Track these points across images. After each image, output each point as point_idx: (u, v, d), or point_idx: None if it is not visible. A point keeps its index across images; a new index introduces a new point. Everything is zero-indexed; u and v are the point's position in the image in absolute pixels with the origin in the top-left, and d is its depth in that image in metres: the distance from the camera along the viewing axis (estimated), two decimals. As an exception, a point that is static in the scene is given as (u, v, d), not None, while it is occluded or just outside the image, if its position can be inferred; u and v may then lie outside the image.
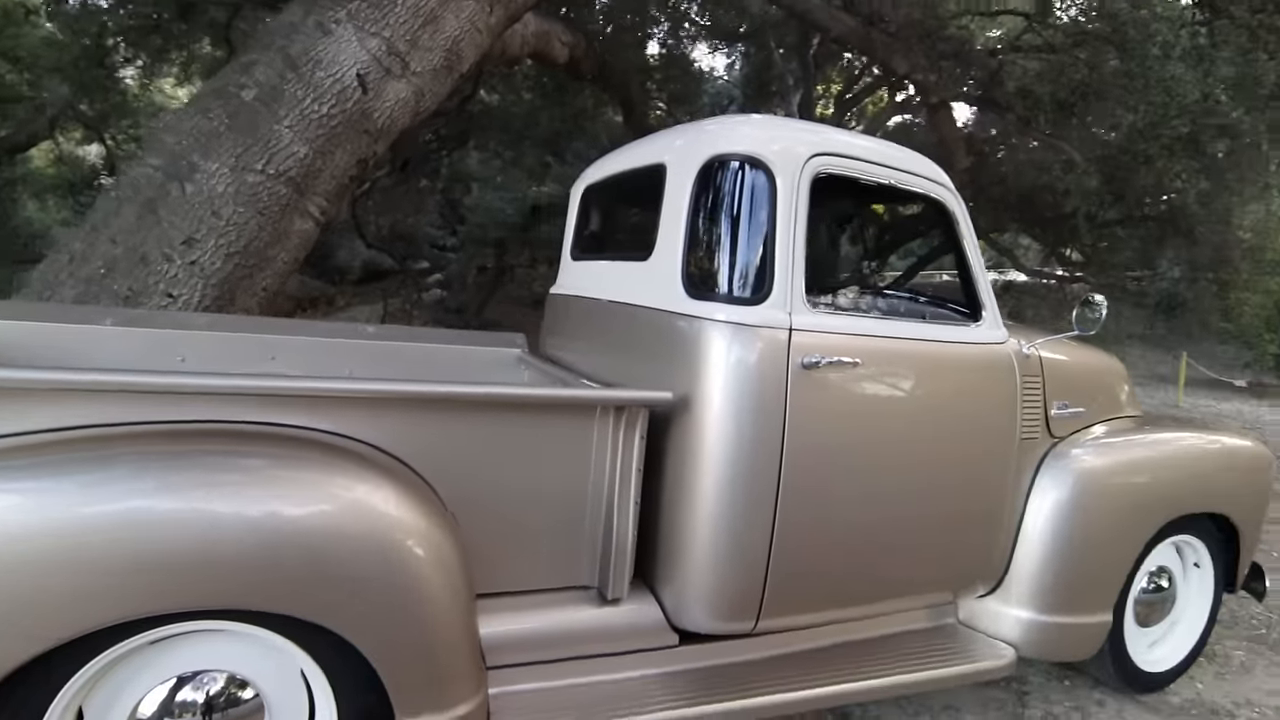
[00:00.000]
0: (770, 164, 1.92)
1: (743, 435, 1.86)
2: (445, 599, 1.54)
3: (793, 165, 1.93)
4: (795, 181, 1.93)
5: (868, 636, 2.24)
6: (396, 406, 1.68)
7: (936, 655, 2.22)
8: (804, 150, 1.96)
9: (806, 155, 1.95)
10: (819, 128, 2.12)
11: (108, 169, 10.95)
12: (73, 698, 1.36)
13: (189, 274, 3.41)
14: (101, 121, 9.82)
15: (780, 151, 1.94)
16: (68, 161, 11.06)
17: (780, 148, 1.94)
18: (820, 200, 2.02)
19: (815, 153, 1.97)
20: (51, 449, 1.36)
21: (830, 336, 1.95)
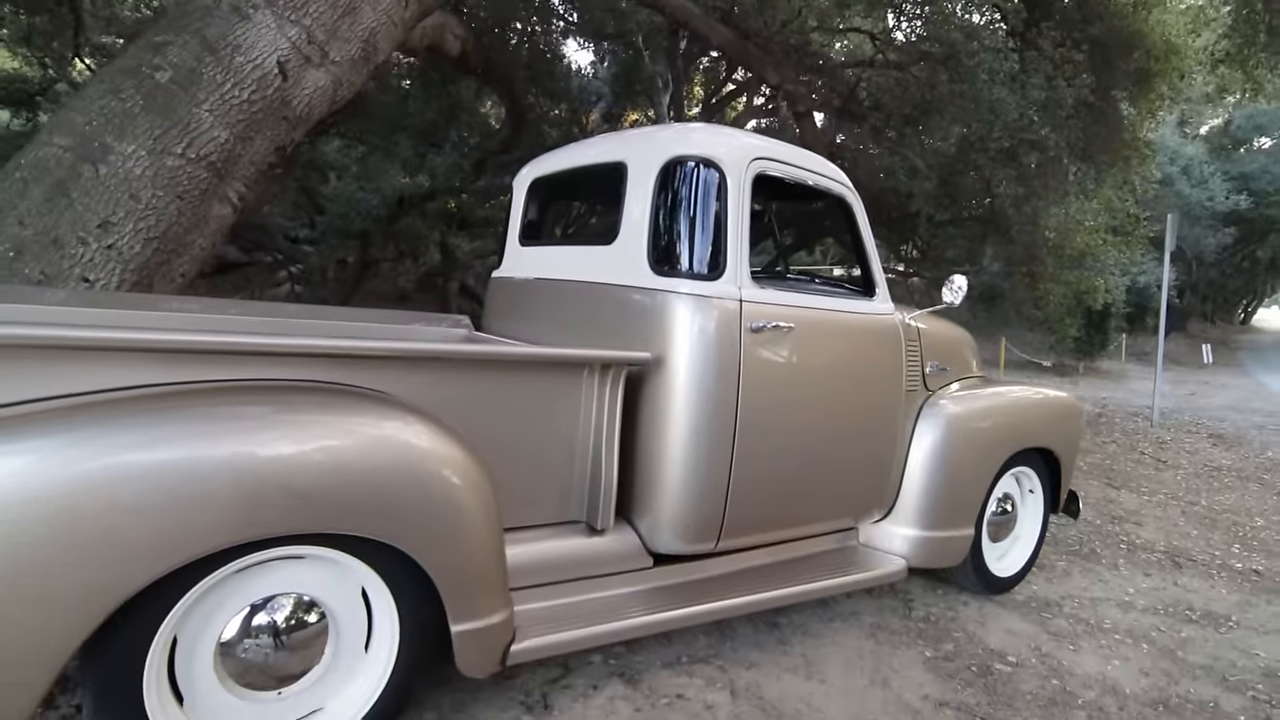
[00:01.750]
0: (721, 164, 2.37)
1: (705, 388, 2.30)
2: (483, 523, 1.85)
3: (739, 165, 2.39)
4: (741, 179, 2.39)
5: (792, 557, 2.75)
6: (425, 365, 1.96)
7: (845, 567, 2.77)
8: (747, 153, 2.42)
9: (750, 157, 2.42)
10: (755, 136, 2.59)
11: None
12: (173, 625, 1.55)
13: (106, 258, 3.38)
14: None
15: (729, 153, 2.39)
16: None
17: (729, 150, 2.40)
18: (756, 195, 2.49)
19: (755, 156, 2.44)
20: (156, 400, 1.54)
21: (770, 306, 2.43)
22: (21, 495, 1.35)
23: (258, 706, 1.69)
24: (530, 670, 2.30)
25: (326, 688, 1.78)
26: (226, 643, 1.64)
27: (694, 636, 2.63)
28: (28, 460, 1.38)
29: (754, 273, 2.45)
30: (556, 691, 2.22)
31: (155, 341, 1.63)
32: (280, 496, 1.55)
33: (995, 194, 7.24)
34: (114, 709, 1.50)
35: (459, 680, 2.10)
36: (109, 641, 1.47)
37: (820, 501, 2.74)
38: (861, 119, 7.46)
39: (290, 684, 1.73)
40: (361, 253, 11.29)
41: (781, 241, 4.15)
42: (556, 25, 10.14)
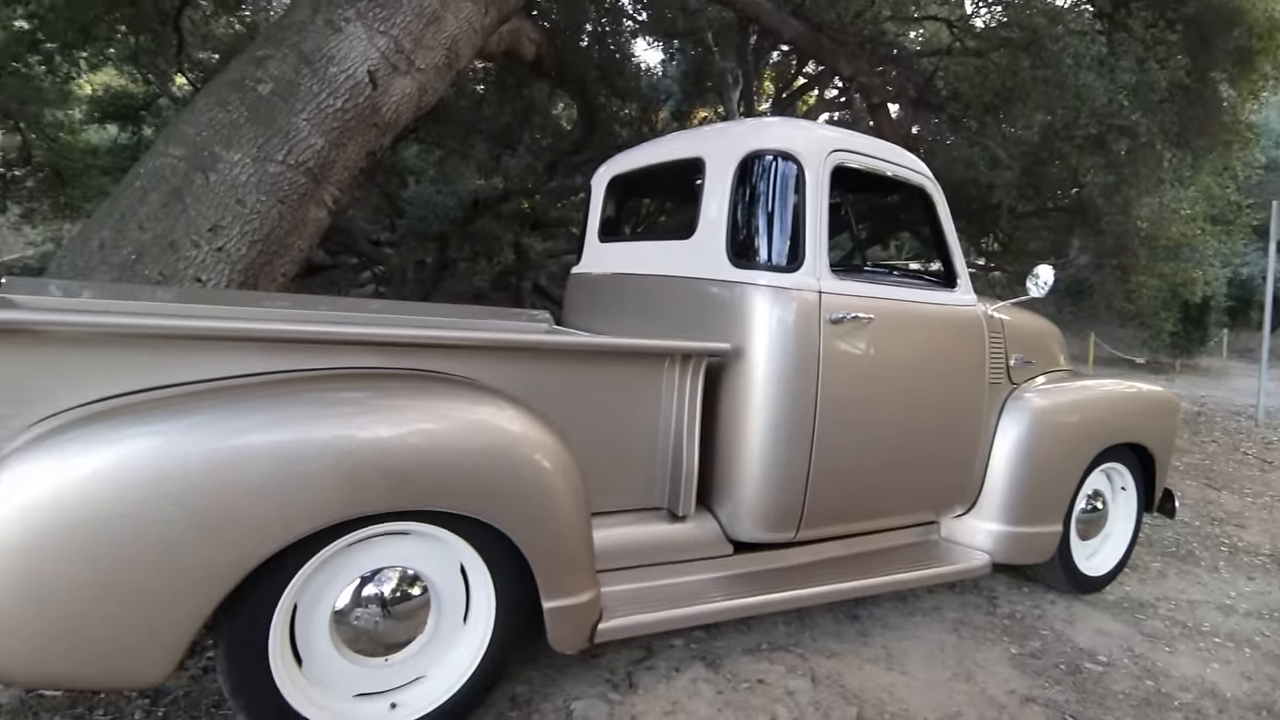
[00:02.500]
0: (800, 156, 2.39)
1: (785, 378, 2.33)
2: (572, 505, 1.94)
3: (818, 157, 2.41)
4: (819, 171, 2.41)
5: (872, 549, 2.75)
6: (514, 355, 2.06)
7: (926, 561, 2.75)
8: (825, 146, 2.44)
9: (828, 150, 2.44)
10: (833, 129, 2.60)
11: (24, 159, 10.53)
12: (294, 593, 1.68)
13: (216, 259, 3.63)
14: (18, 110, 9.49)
15: (807, 146, 2.41)
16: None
17: (807, 143, 2.42)
18: (835, 187, 2.51)
19: (834, 148, 2.45)
20: (269, 387, 1.69)
21: (850, 298, 2.44)
22: (156, 474, 1.50)
23: (367, 671, 1.82)
24: (614, 650, 2.38)
25: (429, 656, 1.90)
26: (340, 611, 1.77)
27: (773, 624, 2.66)
28: (160, 441, 1.53)
29: (833, 265, 2.46)
30: (640, 671, 2.29)
31: (270, 331, 1.77)
32: (378, 476, 1.66)
33: (1083, 183, 6.96)
34: (243, 668, 1.64)
35: (548, 657, 2.20)
36: (238, 608, 1.62)
37: (901, 494, 2.73)
38: (939, 109, 7.29)
39: (396, 651, 1.85)
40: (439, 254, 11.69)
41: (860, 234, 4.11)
42: (626, 25, 10.26)
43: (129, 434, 1.52)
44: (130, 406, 1.60)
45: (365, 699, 1.82)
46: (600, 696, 2.14)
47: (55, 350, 1.59)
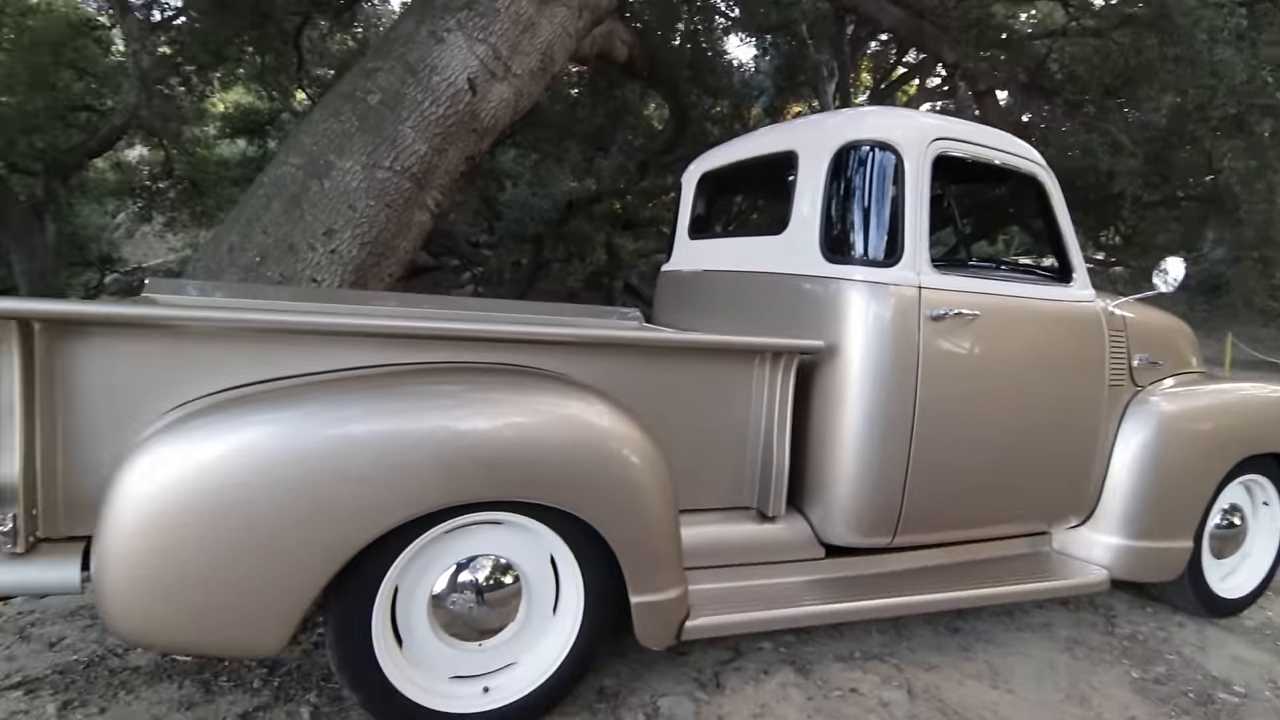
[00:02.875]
0: (898, 146, 2.31)
1: (882, 377, 2.25)
2: (661, 501, 1.94)
3: (918, 147, 2.32)
4: (920, 161, 2.31)
5: (977, 558, 2.62)
6: (604, 351, 2.08)
7: (1036, 574, 2.59)
8: (926, 134, 2.34)
9: (929, 138, 2.33)
10: (934, 116, 2.49)
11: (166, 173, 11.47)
12: (395, 576, 1.76)
13: (330, 261, 3.84)
14: (162, 128, 10.36)
15: (906, 135, 2.32)
16: (124, 169, 11.62)
17: (906, 132, 2.33)
18: (938, 177, 2.40)
19: (935, 137, 2.35)
20: (372, 380, 1.77)
21: (952, 293, 2.33)
22: (274, 459, 1.60)
23: (462, 655, 1.89)
24: (702, 650, 2.36)
25: (521, 644, 1.94)
26: (437, 595, 1.84)
27: (867, 633, 2.58)
28: (278, 429, 1.63)
29: (935, 260, 2.35)
30: (728, 672, 2.26)
31: (376, 327, 1.86)
32: (473, 467, 1.71)
33: (1219, 169, 6.38)
34: (349, 645, 1.73)
35: (635, 652, 2.21)
36: (345, 587, 1.70)
37: (1009, 502, 2.58)
38: (1052, 94, 6.86)
39: (489, 637, 1.90)
40: (534, 255, 11.99)
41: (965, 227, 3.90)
42: (718, 23, 10.19)
43: (251, 421, 1.63)
44: (252, 396, 1.71)
45: (460, 681, 1.89)
46: (687, 695, 2.13)
47: (188, 344, 1.72)
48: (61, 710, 1.87)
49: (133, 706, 1.91)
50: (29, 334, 1.57)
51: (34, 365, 1.59)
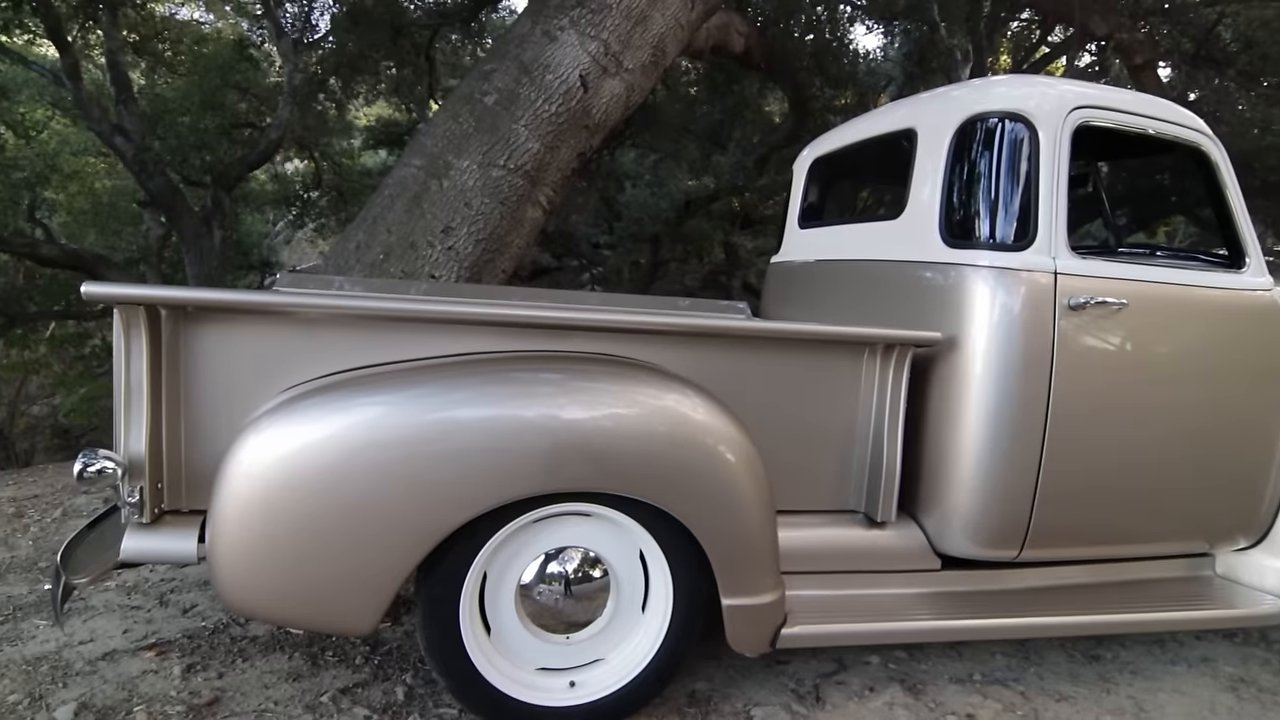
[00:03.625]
0: (1032, 117, 2.07)
1: (1010, 373, 2.02)
2: (756, 500, 1.83)
3: (1055, 117, 2.07)
4: (1057, 133, 2.07)
5: (1122, 579, 2.32)
6: (703, 341, 1.99)
7: (1195, 601, 2.26)
8: (1065, 103, 2.09)
9: (1068, 108, 2.08)
10: (1077, 83, 2.22)
11: (316, 183, 12.36)
12: (486, 560, 1.75)
13: (447, 258, 3.96)
14: (313, 142, 11.18)
15: (1042, 104, 2.08)
16: (279, 179, 12.65)
17: (1042, 102, 2.09)
18: (1081, 151, 2.14)
19: (1076, 105, 2.09)
20: (484, 366, 1.77)
21: (1095, 280, 2.07)
22: (372, 440, 1.62)
23: (549, 647, 1.86)
24: (803, 660, 2.22)
25: (608, 640, 1.89)
26: (525, 585, 1.81)
27: (990, 654, 2.34)
28: (378, 412, 1.65)
29: (1076, 244, 2.10)
30: (830, 686, 2.12)
31: (478, 315, 1.86)
32: (575, 456, 1.67)
33: None
34: (437, 628, 1.74)
35: (731, 656, 2.11)
36: (435, 569, 1.71)
37: (1162, 517, 2.27)
38: (1223, 65, 6.10)
39: (577, 631, 1.86)
40: (653, 254, 12.03)
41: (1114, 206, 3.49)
42: (842, 11, 9.80)
43: (355, 403, 1.66)
44: (359, 379, 1.75)
45: (546, 674, 1.85)
46: (783, 706, 2.00)
47: (300, 329, 1.79)
48: (185, 672, 2.00)
49: (246, 674, 2.01)
50: (156, 319, 1.68)
51: (160, 348, 1.70)
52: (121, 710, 1.83)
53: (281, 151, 12.13)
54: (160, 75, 10.33)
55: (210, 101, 9.39)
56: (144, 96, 9.42)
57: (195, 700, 1.88)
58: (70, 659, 2.05)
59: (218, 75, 9.37)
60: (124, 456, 1.65)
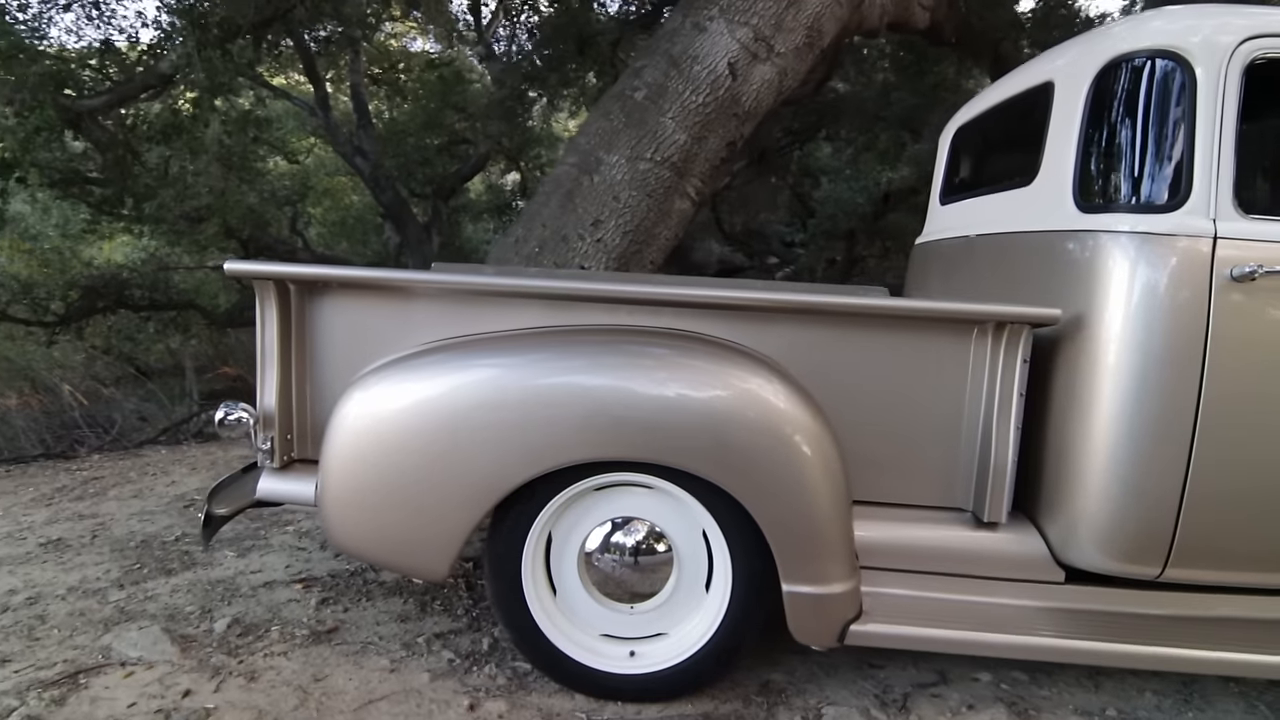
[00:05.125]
0: (1188, 54, 1.75)
1: (1151, 357, 1.73)
2: (825, 490, 1.73)
3: (1217, 54, 1.74)
4: (1220, 72, 1.73)
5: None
6: (784, 319, 1.92)
7: None
8: (1233, 35, 1.74)
9: (1237, 40, 1.73)
10: (1253, 10, 1.84)
11: (523, 191, 13.39)
12: (547, 521, 1.84)
13: (596, 250, 4.13)
14: (518, 153, 12.14)
15: (1202, 39, 1.75)
16: (493, 189, 13.87)
17: (1200, 37, 1.76)
18: (1260, 92, 1.77)
19: (1248, 36, 1.73)
20: (555, 338, 1.86)
21: (1269, 244, 1.70)
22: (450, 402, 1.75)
23: (613, 615, 1.90)
24: (900, 666, 2.06)
25: (671, 615, 1.89)
26: (589, 551, 1.87)
27: (1137, 691, 2.01)
28: (459, 378, 1.78)
29: (1246, 202, 1.74)
30: (923, 697, 1.94)
31: (545, 288, 1.95)
32: (631, 427, 1.70)
33: None
34: (502, 582, 1.85)
35: (820, 657, 2.04)
36: (499, 527, 1.83)
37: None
38: None
39: (640, 602, 1.89)
40: (847, 251, 11.60)
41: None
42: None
43: (439, 370, 1.82)
44: (447, 348, 1.91)
45: (609, 641, 1.90)
46: (861, 709, 1.87)
47: (405, 303, 1.98)
48: (319, 604, 2.30)
49: (366, 611, 2.27)
50: (285, 292, 1.96)
51: (290, 317, 1.98)
52: (263, 627, 2.16)
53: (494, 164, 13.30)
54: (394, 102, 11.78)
55: (432, 122, 10.55)
56: (380, 121, 10.82)
57: (319, 627, 2.16)
58: (240, 584, 2.44)
59: (439, 98, 10.51)
60: (259, 410, 1.95)
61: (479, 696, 1.86)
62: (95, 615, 2.21)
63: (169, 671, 1.92)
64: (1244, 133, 1.75)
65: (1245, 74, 1.74)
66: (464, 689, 1.89)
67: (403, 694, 1.86)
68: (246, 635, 2.11)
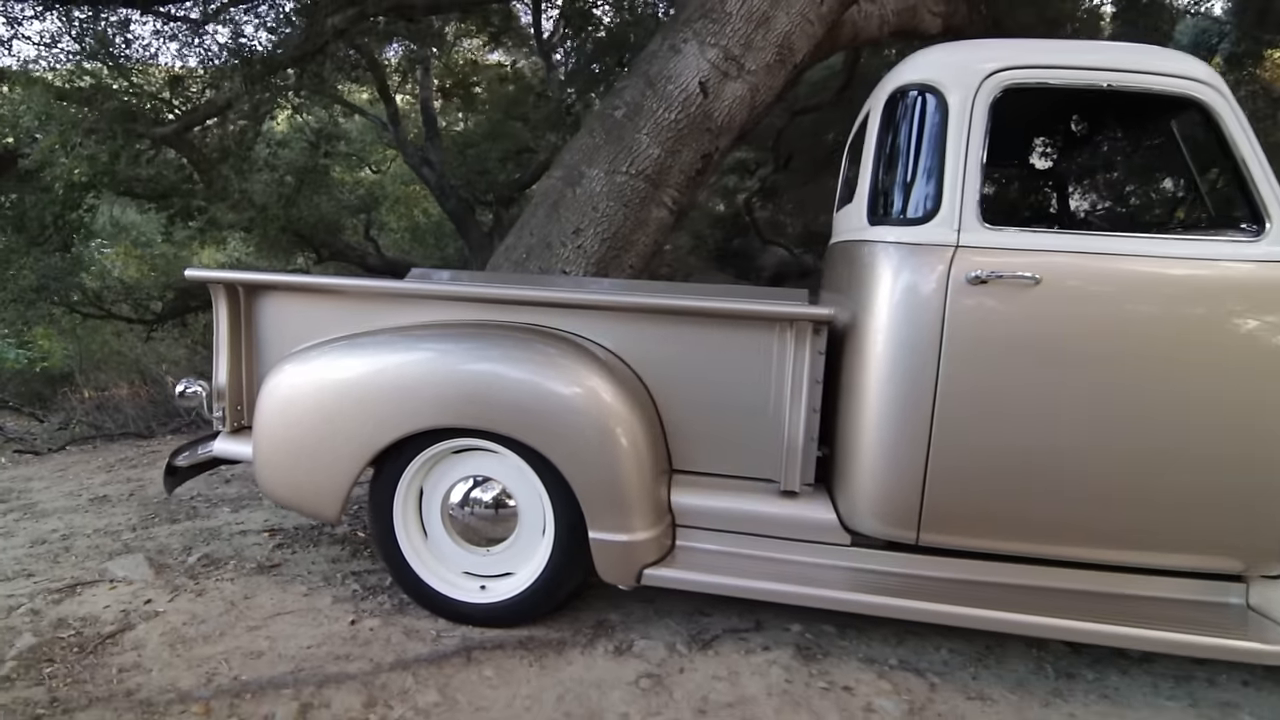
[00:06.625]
0: (943, 86, 2.06)
1: (902, 349, 2.05)
2: (629, 460, 2.15)
3: (967, 85, 2.04)
4: (969, 101, 2.03)
5: (1114, 591, 2.13)
6: (624, 317, 2.33)
7: (1192, 625, 2.00)
8: (981, 69, 2.03)
9: (984, 74, 2.03)
10: (1016, 43, 2.10)
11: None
12: (414, 477, 2.33)
13: (576, 255, 4.60)
14: (576, 160, 12.72)
15: (953, 73, 2.06)
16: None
17: (952, 70, 2.07)
18: (1021, 117, 2.05)
19: (996, 69, 2.02)
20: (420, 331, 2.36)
21: (1007, 253, 1.98)
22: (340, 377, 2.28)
23: (471, 556, 2.37)
24: (725, 615, 2.43)
25: (517, 557, 2.35)
26: (450, 504, 2.35)
27: (934, 648, 2.29)
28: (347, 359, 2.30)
29: (989, 214, 2.03)
30: (730, 639, 2.30)
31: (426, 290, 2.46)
32: (471, 401, 2.17)
33: None
34: (379, 523, 2.35)
35: (664, 605, 2.42)
36: (376, 481, 2.33)
37: (1136, 523, 2.04)
38: None
39: (494, 546, 2.35)
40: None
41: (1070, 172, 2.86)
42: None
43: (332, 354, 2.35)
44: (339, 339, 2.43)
45: (468, 577, 2.37)
46: (668, 644, 2.26)
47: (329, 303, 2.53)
48: (275, 548, 2.90)
49: (309, 553, 2.84)
50: (235, 293, 2.54)
51: (238, 313, 2.56)
52: (225, 561, 2.76)
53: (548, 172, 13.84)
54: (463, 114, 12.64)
55: (497, 132, 11.33)
56: (446, 135, 11.69)
57: (266, 563, 2.75)
58: (222, 531, 3.07)
59: (503, 110, 11.28)
60: (214, 386, 2.54)
61: (362, 615, 2.38)
62: (106, 548, 2.88)
63: (142, 588, 2.54)
64: (995, 152, 2.04)
65: (994, 103, 2.02)
66: (354, 611, 2.41)
67: (306, 611, 2.40)
68: (209, 566, 2.71)
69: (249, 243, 9.29)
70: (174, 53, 7.09)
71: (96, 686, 1.97)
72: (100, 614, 2.36)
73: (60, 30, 6.20)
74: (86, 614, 2.36)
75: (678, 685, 2.08)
